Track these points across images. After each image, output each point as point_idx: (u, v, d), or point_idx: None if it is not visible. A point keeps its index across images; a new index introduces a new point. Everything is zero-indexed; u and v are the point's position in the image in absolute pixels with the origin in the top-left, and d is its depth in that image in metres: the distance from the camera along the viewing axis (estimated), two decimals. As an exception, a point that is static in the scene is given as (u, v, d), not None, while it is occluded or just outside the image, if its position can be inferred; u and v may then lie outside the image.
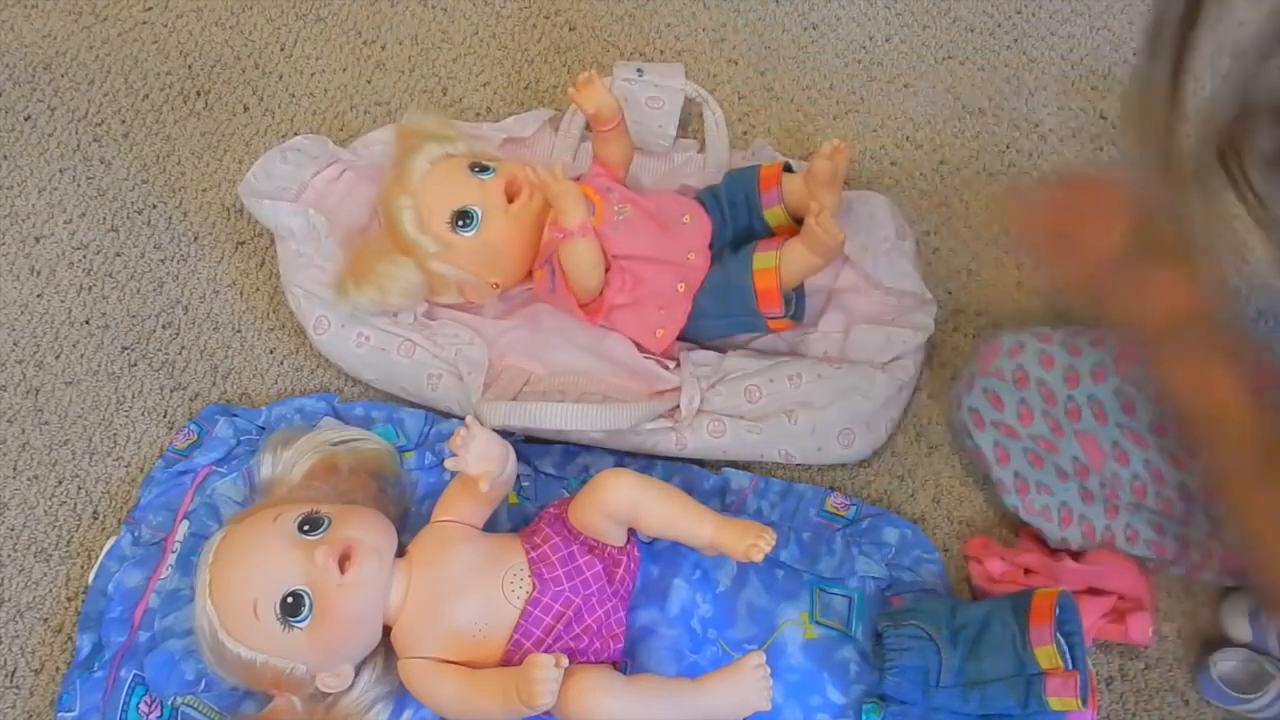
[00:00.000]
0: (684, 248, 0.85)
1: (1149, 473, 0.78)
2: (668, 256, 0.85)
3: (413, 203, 0.84)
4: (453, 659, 0.72)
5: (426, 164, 0.85)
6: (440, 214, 0.84)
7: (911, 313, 0.90)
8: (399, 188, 0.85)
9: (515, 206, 0.85)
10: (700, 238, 0.86)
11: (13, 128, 1.06)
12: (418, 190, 0.85)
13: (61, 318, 0.96)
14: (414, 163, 0.85)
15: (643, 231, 0.85)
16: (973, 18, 1.14)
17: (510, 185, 0.85)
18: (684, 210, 0.87)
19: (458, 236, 0.84)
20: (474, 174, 0.86)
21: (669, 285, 0.85)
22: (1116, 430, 0.79)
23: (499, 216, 0.85)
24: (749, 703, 0.70)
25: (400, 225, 0.85)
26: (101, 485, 0.89)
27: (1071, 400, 0.79)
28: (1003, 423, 0.81)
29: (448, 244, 0.85)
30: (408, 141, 0.89)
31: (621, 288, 0.85)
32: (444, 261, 0.85)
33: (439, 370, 0.88)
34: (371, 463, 0.83)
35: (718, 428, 0.85)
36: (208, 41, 1.12)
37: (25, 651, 0.83)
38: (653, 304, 0.86)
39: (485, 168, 0.86)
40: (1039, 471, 0.81)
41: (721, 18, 1.14)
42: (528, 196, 0.85)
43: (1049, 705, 0.71)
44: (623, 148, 0.90)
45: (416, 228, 0.84)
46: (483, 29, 1.13)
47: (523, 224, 0.85)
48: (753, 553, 0.70)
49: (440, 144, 0.87)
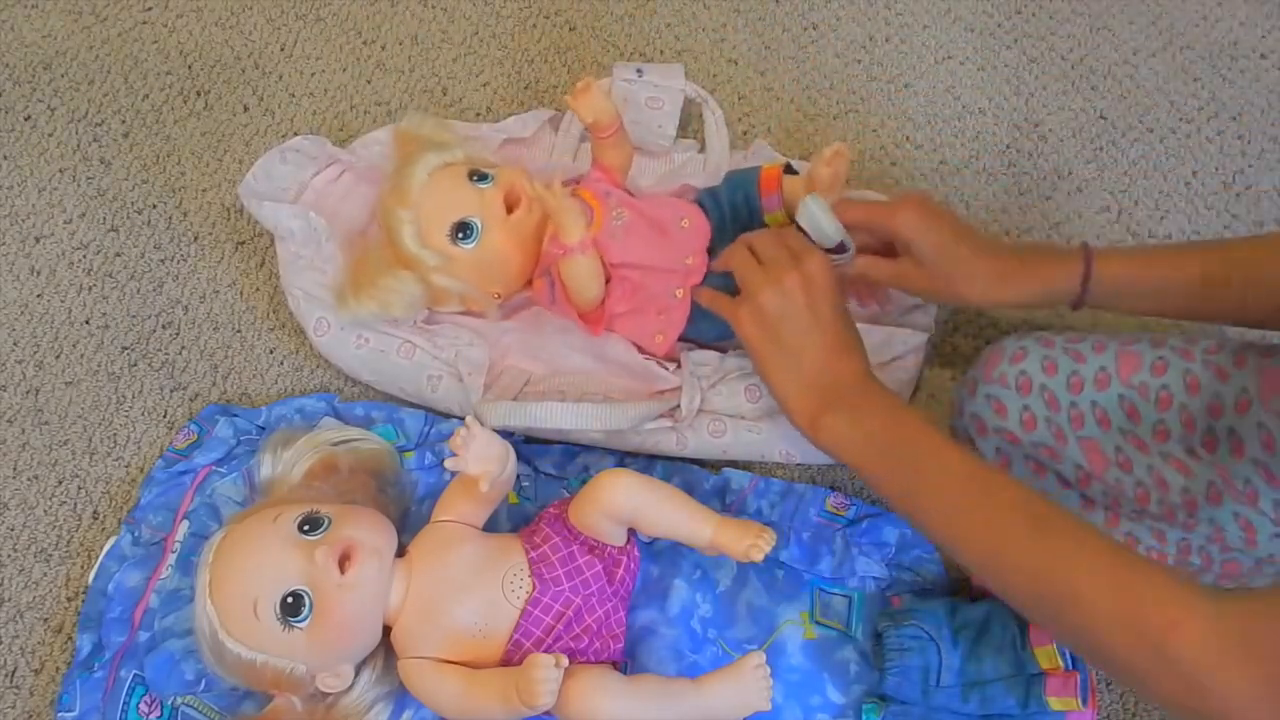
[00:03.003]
0: (682, 252, 0.85)
1: (1152, 479, 0.77)
2: (665, 263, 0.84)
3: (412, 216, 0.84)
4: (453, 659, 0.72)
5: (425, 175, 0.85)
6: (440, 227, 0.84)
7: (911, 312, 0.90)
8: (398, 200, 0.85)
9: (514, 218, 0.84)
10: (698, 241, 0.86)
11: (13, 128, 1.06)
12: (417, 202, 0.84)
13: (61, 318, 0.96)
14: (412, 173, 0.85)
15: (640, 238, 0.85)
16: (973, 18, 1.14)
17: (509, 196, 0.85)
18: (682, 214, 0.86)
19: (458, 249, 0.84)
20: (473, 183, 0.85)
21: (667, 291, 0.85)
22: (1119, 436, 0.78)
23: (498, 227, 0.84)
24: (749, 703, 0.70)
25: (401, 240, 0.84)
26: (101, 485, 0.89)
27: (1075, 406, 0.79)
28: (1005, 429, 0.81)
29: (448, 257, 0.84)
30: (406, 149, 0.88)
31: (621, 296, 0.85)
32: (445, 274, 0.85)
33: (439, 371, 0.88)
34: (371, 463, 0.83)
35: (718, 427, 0.85)
36: (208, 41, 1.12)
37: (25, 651, 0.83)
38: (652, 310, 0.86)
39: (484, 175, 0.86)
40: (1040, 480, 0.81)
41: (721, 18, 1.14)
42: (527, 207, 0.85)
43: (1049, 705, 0.71)
44: (622, 152, 0.89)
45: (416, 242, 0.84)
46: (483, 29, 1.13)
47: (522, 235, 0.85)
48: (753, 553, 0.70)
49: (438, 152, 0.87)
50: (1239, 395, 0.76)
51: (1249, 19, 1.13)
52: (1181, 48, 1.11)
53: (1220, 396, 0.77)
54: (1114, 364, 0.79)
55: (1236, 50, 1.11)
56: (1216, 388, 0.77)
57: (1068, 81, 1.09)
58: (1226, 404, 0.76)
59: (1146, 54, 1.11)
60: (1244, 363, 0.77)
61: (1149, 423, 0.78)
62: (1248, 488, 0.73)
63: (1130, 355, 0.80)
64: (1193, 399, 0.78)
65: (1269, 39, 1.12)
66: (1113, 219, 1.01)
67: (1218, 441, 0.76)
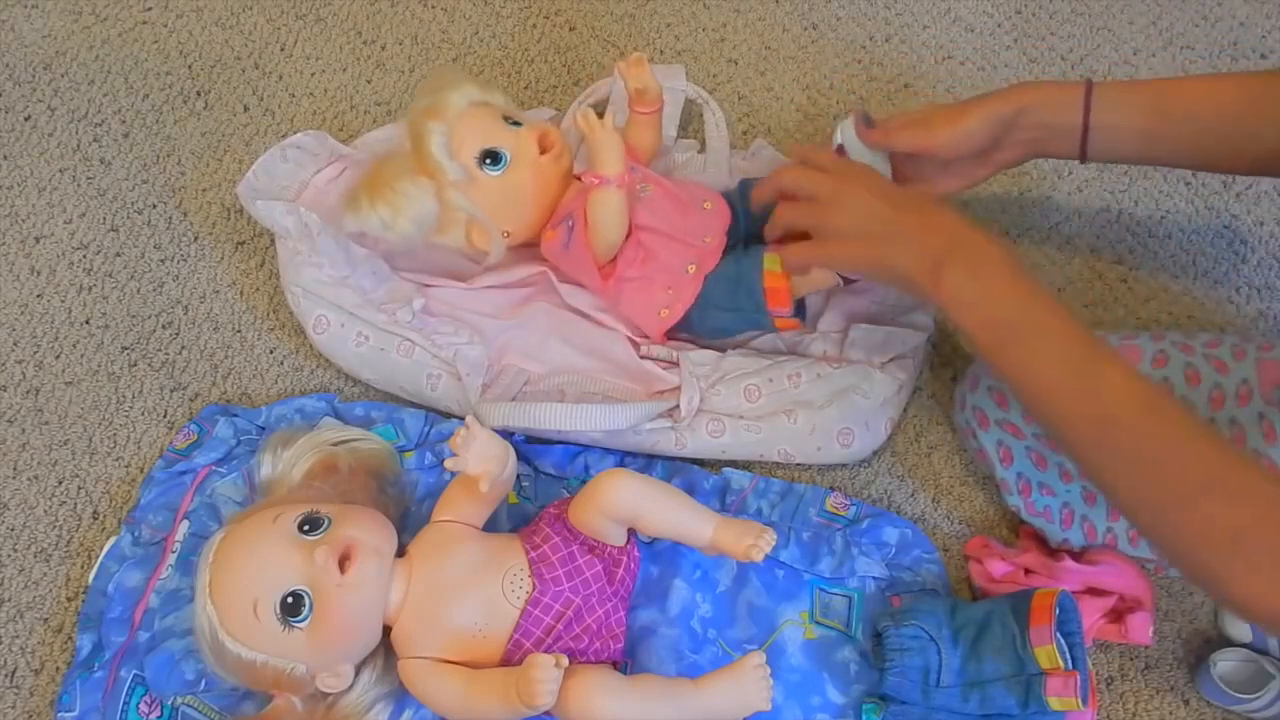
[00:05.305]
0: (702, 231, 0.85)
1: None
2: (684, 236, 0.85)
3: (444, 129, 0.84)
4: (453, 659, 0.72)
5: (464, 102, 0.85)
6: (470, 147, 0.84)
7: (911, 312, 0.90)
8: (432, 115, 0.84)
9: (545, 159, 0.85)
10: (719, 223, 0.86)
11: (13, 128, 1.06)
12: (451, 121, 0.84)
13: (61, 318, 0.96)
14: (451, 97, 0.84)
15: (663, 208, 0.85)
16: (973, 18, 1.14)
17: (544, 138, 0.85)
18: (706, 197, 0.87)
19: (482, 173, 0.84)
20: (508, 125, 0.86)
21: (680, 264, 0.85)
22: None
23: (527, 164, 0.85)
24: (749, 703, 0.70)
25: (427, 145, 0.83)
26: (101, 485, 0.89)
27: None
28: (1007, 421, 0.81)
29: (471, 177, 0.84)
30: (447, 79, 0.87)
31: (634, 259, 0.85)
32: (462, 193, 0.84)
33: (438, 370, 0.88)
34: (371, 463, 0.83)
35: (717, 427, 0.85)
36: (208, 41, 1.12)
37: (25, 651, 0.83)
38: (661, 281, 0.85)
39: (516, 123, 0.86)
40: (1042, 473, 0.81)
41: (721, 18, 1.14)
42: (557, 154, 0.85)
43: (1049, 705, 0.71)
44: (653, 136, 0.91)
45: (445, 151, 0.83)
46: (483, 29, 1.13)
47: (548, 178, 0.86)
48: (753, 553, 0.70)
49: (480, 88, 0.87)
50: (1239, 386, 0.76)
51: (1249, 19, 1.13)
52: (1181, 48, 1.11)
53: (1221, 388, 0.77)
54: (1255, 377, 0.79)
55: (1236, 50, 1.11)
56: (1217, 379, 0.78)
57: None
58: (1228, 395, 0.76)
59: (1146, 54, 1.11)
60: (1243, 355, 0.78)
61: None
62: None
63: (1131, 349, 0.80)
64: (1193, 390, 0.78)
65: (1269, 39, 1.12)
66: (1113, 219, 1.01)
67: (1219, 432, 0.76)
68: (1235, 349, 0.78)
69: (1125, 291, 0.97)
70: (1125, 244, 1.00)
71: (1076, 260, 0.99)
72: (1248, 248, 1.00)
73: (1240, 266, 0.99)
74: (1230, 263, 0.99)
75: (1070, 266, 0.99)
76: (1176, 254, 1.00)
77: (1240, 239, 1.00)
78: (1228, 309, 0.96)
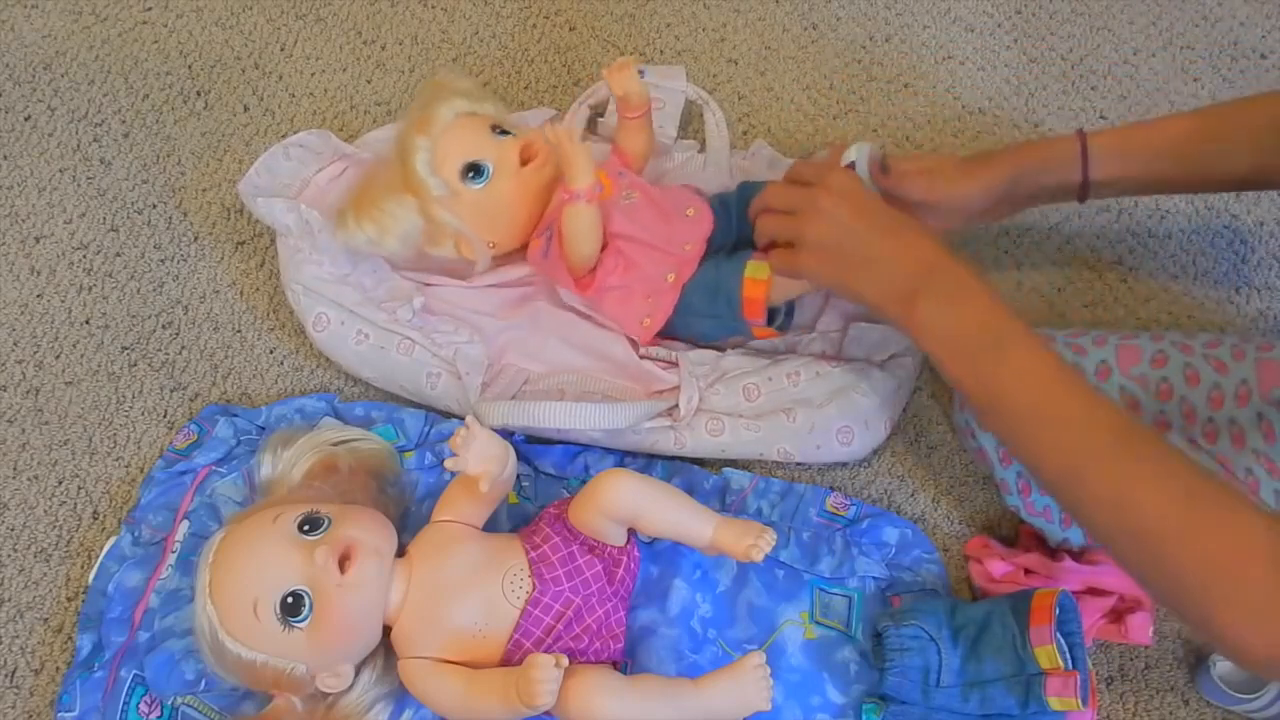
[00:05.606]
0: (682, 239, 0.85)
1: None
2: (663, 244, 0.85)
3: (429, 145, 0.84)
4: (453, 659, 0.72)
5: (451, 115, 0.86)
6: (453, 162, 0.85)
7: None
8: (417, 129, 0.85)
9: (527, 170, 0.85)
10: (700, 232, 0.86)
11: (13, 128, 1.06)
12: (436, 136, 0.85)
13: (61, 318, 0.96)
14: (439, 111, 0.85)
15: (644, 216, 0.85)
16: (973, 18, 1.14)
17: (525, 149, 0.86)
18: (690, 204, 0.87)
19: (465, 187, 0.85)
20: (494, 135, 0.86)
21: (660, 273, 0.85)
22: None
23: (509, 176, 0.85)
24: (749, 703, 0.70)
25: (411, 162, 0.84)
26: (101, 485, 0.89)
27: None
28: None
29: (454, 191, 0.85)
30: (438, 92, 0.88)
31: (614, 268, 0.85)
32: (446, 209, 0.85)
33: (438, 369, 0.88)
34: (371, 463, 0.83)
35: (716, 426, 0.85)
36: (208, 41, 1.12)
37: (25, 651, 0.83)
38: (641, 290, 0.85)
39: (506, 132, 0.87)
40: None
41: (721, 18, 1.14)
42: (540, 164, 0.85)
43: (1049, 705, 0.71)
44: (644, 140, 0.90)
45: (427, 168, 0.84)
46: (483, 29, 1.13)
47: (530, 189, 0.86)
48: (753, 553, 0.70)
49: (468, 100, 0.87)
50: (1239, 386, 0.76)
51: (1249, 19, 1.13)
52: (1181, 48, 1.11)
53: (1220, 388, 0.77)
54: (1114, 357, 0.79)
55: (1236, 50, 1.11)
56: (1216, 379, 0.78)
57: (1068, 81, 1.09)
58: (1227, 395, 0.77)
59: (1146, 54, 1.11)
60: (1242, 356, 0.78)
61: (1150, 414, 0.78)
62: (1249, 478, 0.74)
63: (1130, 349, 0.80)
64: (1193, 390, 0.78)
65: (1269, 39, 1.12)
66: (1113, 219, 1.01)
67: (1218, 432, 0.76)
68: (1235, 349, 0.79)
69: (1125, 291, 0.97)
70: (1125, 244, 1.00)
71: (1076, 260, 0.99)
72: (1248, 248, 1.00)
73: (1240, 266, 0.99)
74: (1230, 263, 0.99)
75: (1070, 266, 0.99)
76: (1176, 254, 1.00)
77: (1240, 239, 1.00)
78: (1228, 309, 0.96)
